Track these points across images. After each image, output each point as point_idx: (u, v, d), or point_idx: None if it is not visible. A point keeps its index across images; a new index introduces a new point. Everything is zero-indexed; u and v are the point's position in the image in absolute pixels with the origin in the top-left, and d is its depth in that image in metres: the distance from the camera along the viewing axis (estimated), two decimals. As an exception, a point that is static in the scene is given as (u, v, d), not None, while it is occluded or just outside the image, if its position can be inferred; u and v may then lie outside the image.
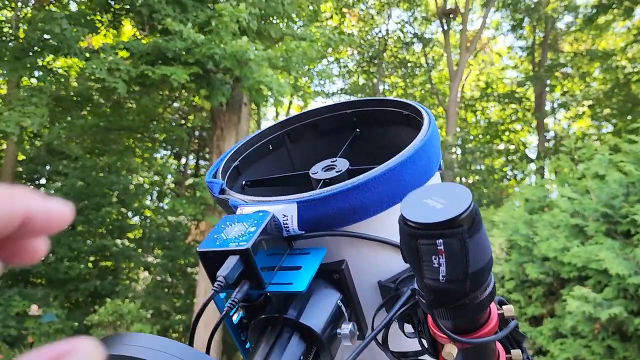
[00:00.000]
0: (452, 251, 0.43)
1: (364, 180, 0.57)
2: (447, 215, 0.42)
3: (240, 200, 0.63)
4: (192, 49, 6.98)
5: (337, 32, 11.64)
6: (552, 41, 15.23)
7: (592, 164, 4.54)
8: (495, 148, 16.16)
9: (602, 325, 3.75)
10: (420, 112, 0.70)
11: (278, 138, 0.83)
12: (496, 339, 0.53)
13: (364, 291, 0.61)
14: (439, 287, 0.45)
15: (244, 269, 0.52)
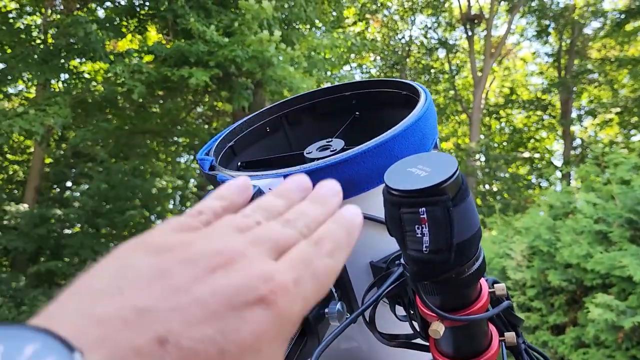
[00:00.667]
0: (435, 220, 0.41)
1: (353, 154, 0.55)
2: (430, 182, 0.41)
3: (228, 175, 0.62)
4: (214, 52, 7.05)
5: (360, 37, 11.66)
6: (579, 47, 14.99)
7: (618, 170, 4.44)
8: (519, 156, 15.94)
9: (626, 334, 3.64)
10: (418, 91, 0.68)
11: (276, 120, 0.82)
12: (486, 317, 0.52)
13: (355, 271, 0.60)
14: (422, 258, 0.43)
15: None
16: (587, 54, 15.23)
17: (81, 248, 9.85)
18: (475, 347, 0.55)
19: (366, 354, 0.66)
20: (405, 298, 0.57)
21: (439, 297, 0.49)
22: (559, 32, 14.93)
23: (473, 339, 0.55)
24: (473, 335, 0.54)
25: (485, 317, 0.51)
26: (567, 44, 15.06)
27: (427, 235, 0.42)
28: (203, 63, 7.28)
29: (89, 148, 10.41)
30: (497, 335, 0.57)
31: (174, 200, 13.18)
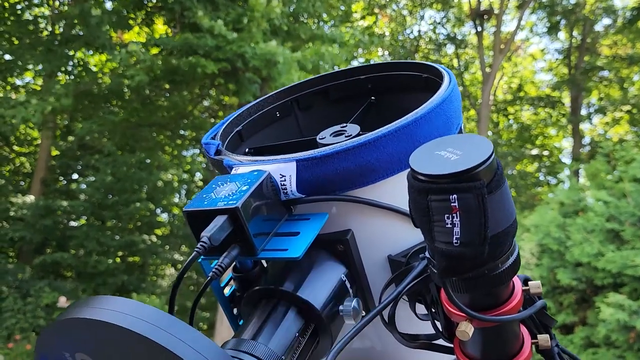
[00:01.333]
0: (468, 209, 0.37)
1: (372, 137, 0.51)
2: (462, 166, 0.37)
3: (235, 160, 0.58)
4: (222, 47, 7.03)
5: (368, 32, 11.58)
6: (589, 44, 14.86)
7: (630, 167, 4.38)
8: (528, 153, 15.84)
9: (638, 334, 3.59)
10: (441, 73, 0.63)
11: (286, 105, 0.77)
12: (520, 318, 0.47)
13: (372, 266, 0.56)
14: (452, 252, 0.38)
15: (234, 231, 0.47)
16: (597, 51, 15.11)
17: (87, 240, 9.87)
18: (505, 351, 0.50)
19: (380, 354, 0.62)
20: (428, 295, 0.52)
21: (468, 295, 0.44)
22: (569, 29, 14.81)
23: (504, 342, 0.50)
24: (504, 337, 0.49)
25: (519, 317, 0.46)
26: (578, 40, 14.94)
27: (458, 226, 0.37)
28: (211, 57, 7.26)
29: (96, 140, 10.43)
30: (530, 337, 0.52)
31: (180, 193, 13.20)
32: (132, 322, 0.34)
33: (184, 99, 9.94)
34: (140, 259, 11.63)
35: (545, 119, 16.31)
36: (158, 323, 0.35)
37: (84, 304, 0.37)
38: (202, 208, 0.48)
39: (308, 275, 0.52)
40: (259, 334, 0.47)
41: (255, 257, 0.49)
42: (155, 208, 12.07)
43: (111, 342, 0.35)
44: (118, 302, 0.37)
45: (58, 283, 9.50)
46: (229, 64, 7.30)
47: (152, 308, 0.36)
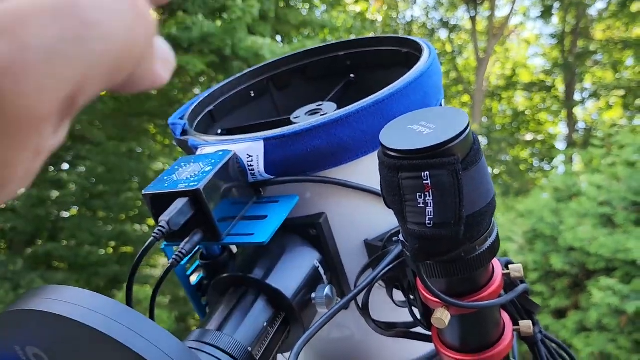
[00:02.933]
0: (441, 186, 0.34)
1: (345, 114, 0.48)
2: (435, 140, 0.34)
3: (201, 140, 0.54)
4: (206, 39, 6.97)
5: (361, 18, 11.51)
6: (583, 29, 14.85)
7: (624, 152, 4.37)
8: (522, 139, 15.88)
9: (630, 318, 3.59)
10: (421, 47, 0.61)
11: (261, 84, 0.74)
12: (499, 303, 0.44)
13: (348, 251, 0.53)
14: (425, 233, 0.36)
15: (196, 215, 0.44)
16: (591, 36, 15.11)
17: (78, 230, 9.84)
18: (485, 338, 0.47)
19: (360, 343, 0.59)
20: (405, 281, 0.49)
21: (444, 280, 0.42)
22: (563, 13, 14.81)
23: (483, 329, 0.47)
24: (483, 324, 0.46)
25: (498, 303, 0.44)
26: (571, 25, 14.94)
27: (431, 206, 0.35)
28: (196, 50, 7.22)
29: (86, 130, 10.34)
30: (511, 323, 0.49)
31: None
32: (83, 314, 0.32)
33: (175, 86, 9.86)
34: (132, 249, 11.61)
35: (539, 104, 16.34)
36: (112, 315, 0.33)
37: (34, 294, 0.35)
38: (162, 191, 0.46)
39: (278, 262, 0.49)
40: (225, 325, 0.45)
41: (219, 242, 0.47)
42: (147, 197, 12.06)
43: (62, 335, 0.33)
44: (70, 292, 0.35)
45: (50, 274, 9.47)
46: (217, 56, 7.25)
47: (106, 299, 0.34)
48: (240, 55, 7.15)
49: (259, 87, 0.73)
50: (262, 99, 0.74)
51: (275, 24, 8.36)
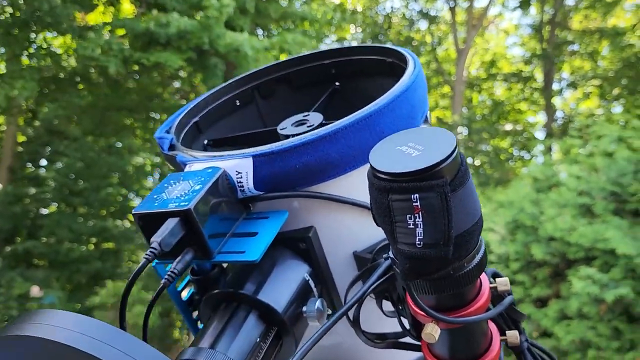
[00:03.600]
0: (430, 208, 0.35)
1: (332, 130, 0.48)
2: (424, 163, 0.35)
3: (189, 156, 0.54)
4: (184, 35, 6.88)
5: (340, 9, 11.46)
6: (560, 19, 14.99)
7: (601, 142, 4.43)
8: (501, 129, 16.03)
9: (609, 306, 3.66)
10: (405, 57, 0.60)
11: (247, 93, 0.73)
12: (487, 317, 0.45)
13: (337, 263, 0.53)
14: (415, 254, 0.37)
15: (186, 234, 0.44)
16: (568, 26, 15.26)
17: (58, 227, 9.71)
18: (474, 350, 0.47)
19: (350, 350, 0.60)
20: (394, 293, 0.50)
21: (433, 297, 0.42)
22: (541, 3, 14.92)
23: (472, 341, 0.47)
24: (472, 336, 0.47)
25: (486, 317, 0.44)
26: (549, 15, 15.07)
27: (421, 227, 0.36)
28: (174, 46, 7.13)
29: (63, 125, 10.18)
30: (498, 334, 0.50)
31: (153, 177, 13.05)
32: (74, 337, 0.32)
33: (154, 81, 9.73)
34: (114, 245, 11.49)
35: (518, 94, 16.48)
36: (102, 337, 0.32)
37: (24, 320, 0.35)
38: (152, 210, 0.45)
39: (269, 277, 0.49)
40: (218, 342, 0.45)
41: (211, 260, 0.47)
42: (128, 193, 11.91)
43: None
44: (59, 316, 0.34)
45: (30, 272, 9.35)
46: (194, 52, 7.17)
47: (96, 321, 0.34)
48: (220, 51, 7.09)
49: (243, 96, 0.73)
50: (247, 108, 0.73)
51: (255, 17, 8.29)
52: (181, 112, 0.67)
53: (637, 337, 3.58)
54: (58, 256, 9.78)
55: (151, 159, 11.99)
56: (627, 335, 3.64)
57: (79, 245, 10.27)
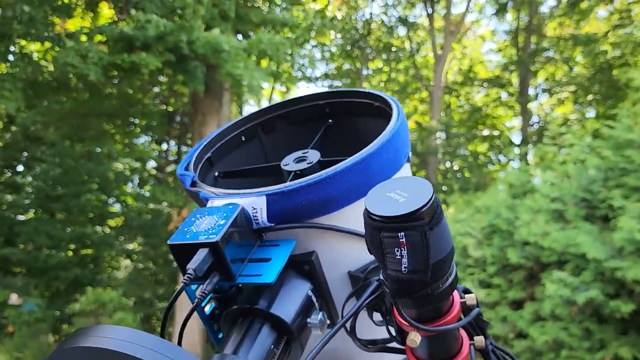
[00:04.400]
0: (413, 243, 0.44)
1: (331, 173, 0.58)
2: (408, 208, 0.44)
3: (210, 193, 0.64)
4: (163, 37, 6.88)
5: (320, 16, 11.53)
6: (536, 25, 15.25)
7: (573, 150, 4.57)
8: (479, 133, 16.24)
9: (580, 308, 3.79)
10: (390, 103, 0.70)
11: (251, 129, 0.83)
12: (458, 326, 0.55)
13: (335, 281, 0.63)
14: (401, 278, 0.47)
15: (214, 261, 0.53)
16: (543, 32, 15.52)
17: (36, 234, 9.60)
18: (448, 352, 0.58)
19: (345, 353, 0.69)
20: (383, 306, 0.60)
21: (415, 310, 0.52)
22: (516, 10, 15.14)
23: (446, 345, 0.58)
24: (446, 341, 0.58)
25: (457, 326, 0.54)
26: (525, 22, 15.31)
27: (406, 257, 0.45)
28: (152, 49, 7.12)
29: (41, 131, 10.06)
30: (468, 339, 0.60)
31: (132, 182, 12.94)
32: (133, 348, 0.38)
33: (134, 86, 9.69)
34: (93, 251, 11.39)
35: (495, 99, 16.71)
36: (156, 348, 0.39)
37: (86, 333, 0.41)
38: (185, 242, 0.53)
39: (278, 293, 0.58)
40: (239, 349, 0.53)
41: (233, 282, 0.55)
42: (108, 198, 11.81)
43: None
44: (118, 330, 0.41)
45: (8, 280, 9.23)
46: (173, 55, 7.17)
47: (151, 336, 0.40)
48: (199, 52, 7.10)
49: (248, 132, 0.83)
50: (251, 143, 0.83)
51: (236, 22, 8.32)
52: (196, 149, 0.75)
53: (607, 337, 3.71)
54: (37, 263, 9.66)
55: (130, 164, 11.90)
56: (597, 335, 3.77)
57: (58, 251, 10.15)
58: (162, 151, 14.22)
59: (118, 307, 8.67)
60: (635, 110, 4.14)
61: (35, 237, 9.59)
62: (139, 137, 12.68)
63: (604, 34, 14.11)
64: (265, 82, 8.38)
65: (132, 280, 11.43)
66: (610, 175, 4.06)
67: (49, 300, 9.86)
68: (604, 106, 13.94)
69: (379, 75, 17.40)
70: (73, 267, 10.27)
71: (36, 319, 8.71)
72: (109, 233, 11.64)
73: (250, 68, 7.47)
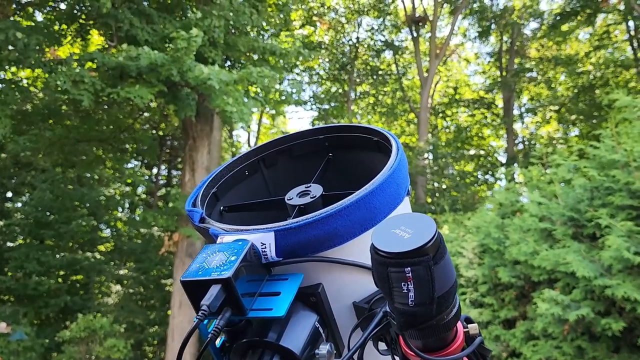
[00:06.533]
0: (419, 278, 0.47)
1: (337, 209, 0.60)
2: (414, 244, 0.47)
3: (220, 229, 0.65)
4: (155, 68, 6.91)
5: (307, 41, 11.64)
6: (518, 47, 15.53)
7: (560, 170, 4.64)
8: (466, 153, 16.37)
9: (571, 326, 3.82)
10: (389, 139, 0.73)
11: (253, 164, 0.85)
12: (463, 356, 0.57)
13: (340, 312, 0.64)
14: (408, 311, 0.49)
15: (226, 297, 0.54)
16: (526, 54, 15.80)
17: (26, 261, 9.46)
18: None
19: None
20: (387, 336, 0.61)
21: (421, 341, 0.54)
22: (499, 33, 15.41)
23: None
24: None
25: (462, 356, 0.57)
26: (508, 44, 15.57)
27: (413, 291, 0.47)
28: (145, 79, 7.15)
29: (31, 157, 10.00)
30: None
31: (123, 207, 12.84)
32: None
33: (124, 112, 9.70)
34: (83, 277, 11.24)
35: (480, 120, 16.90)
36: None
37: None
38: (198, 278, 0.54)
39: (287, 325, 0.59)
40: None
41: (245, 316, 0.56)
42: (98, 224, 11.70)
43: None
44: None
45: (-2, 308, 9.07)
46: (165, 84, 7.21)
47: None
48: (190, 83, 7.16)
49: (251, 167, 0.84)
50: (254, 177, 0.85)
51: (226, 49, 8.41)
52: (202, 185, 0.77)
53: (599, 355, 3.75)
54: (26, 290, 9.51)
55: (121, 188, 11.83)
56: (590, 354, 3.80)
57: (48, 278, 10.00)
58: (152, 175, 14.17)
59: (109, 334, 8.56)
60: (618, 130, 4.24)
61: (25, 264, 9.46)
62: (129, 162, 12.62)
63: (585, 54, 14.41)
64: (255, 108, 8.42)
65: (123, 305, 11.27)
66: (596, 195, 4.14)
67: (38, 328, 9.69)
68: (587, 125, 14.17)
69: (367, 98, 17.53)
70: (63, 294, 10.12)
71: (25, 347, 8.55)
72: (100, 258, 11.51)
73: (239, 102, 7.51)
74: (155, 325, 11.34)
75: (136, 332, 10.84)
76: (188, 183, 8.85)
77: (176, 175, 14.18)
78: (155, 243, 11.87)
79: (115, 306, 11.45)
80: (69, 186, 10.30)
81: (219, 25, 7.57)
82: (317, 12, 15.23)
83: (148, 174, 14.00)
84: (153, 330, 11.28)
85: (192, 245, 8.61)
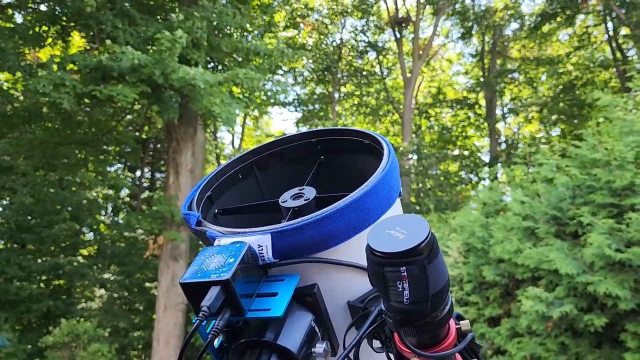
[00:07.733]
0: (414, 277, 0.48)
1: (331, 212, 0.61)
2: (408, 244, 0.48)
3: (217, 232, 0.66)
4: (137, 69, 6.86)
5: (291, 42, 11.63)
6: (500, 48, 15.69)
7: (542, 169, 4.69)
8: (450, 153, 16.48)
9: (555, 323, 3.87)
10: (380, 142, 0.74)
11: (247, 167, 0.86)
12: (455, 351, 0.59)
13: (335, 311, 0.66)
14: (403, 309, 0.50)
15: (225, 298, 0.55)
16: (508, 54, 15.97)
17: (7, 266, 9.33)
18: None
19: None
20: (382, 334, 0.63)
21: (415, 338, 0.56)
22: (481, 34, 15.55)
23: None
24: None
25: (455, 351, 0.59)
26: (490, 44, 15.72)
27: (407, 290, 0.49)
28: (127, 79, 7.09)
29: (11, 161, 9.87)
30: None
31: (106, 210, 12.72)
32: None
33: (107, 114, 9.61)
34: (66, 281, 11.11)
35: (464, 120, 17.03)
36: None
37: None
38: (197, 280, 0.55)
39: (284, 325, 0.60)
40: None
41: (244, 317, 0.57)
42: (81, 227, 11.57)
43: None
44: None
45: (-22, 315, 8.91)
46: (148, 85, 7.15)
47: None
48: (174, 85, 7.12)
49: (244, 170, 0.86)
50: (247, 180, 0.86)
51: (209, 51, 8.38)
52: (197, 189, 0.78)
53: (582, 351, 3.80)
54: (7, 295, 9.37)
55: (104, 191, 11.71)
56: (573, 350, 3.85)
57: (30, 283, 9.87)
58: (135, 178, 14.05)
59: (93, 339, 8.47)
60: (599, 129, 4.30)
61: (7, 268, 9.32)
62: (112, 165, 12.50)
63: (566, 54, 14.61)
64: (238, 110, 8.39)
65: (106, 310, 11.17)
66: (578, 193, 4.20)
67: (21, 333, 9.57)
68: (569, 125, 14.36)
69: (351, 98, 17.58)
70: (45, 299, 9.99)
71: (7, 354, 8.43)
72: (83, 262, 11.38)
73: (225, 103, 7.48)
74: (139, 329, 11.25)
75: (120, 336, 10.75)
76: (172, 185, 8.78)
77: (160, 178, 14.08)
78: (139, 246, 11.77)
79: (99, 310, 11.34)
80: (50, 189, 10.16)
81: (201, 26, 7.53)
82: (300, 13, 15.23)
83: (131, 177, 13.88)
84: (138, 334, 11.18)
85: (176, 248, 8.55)
